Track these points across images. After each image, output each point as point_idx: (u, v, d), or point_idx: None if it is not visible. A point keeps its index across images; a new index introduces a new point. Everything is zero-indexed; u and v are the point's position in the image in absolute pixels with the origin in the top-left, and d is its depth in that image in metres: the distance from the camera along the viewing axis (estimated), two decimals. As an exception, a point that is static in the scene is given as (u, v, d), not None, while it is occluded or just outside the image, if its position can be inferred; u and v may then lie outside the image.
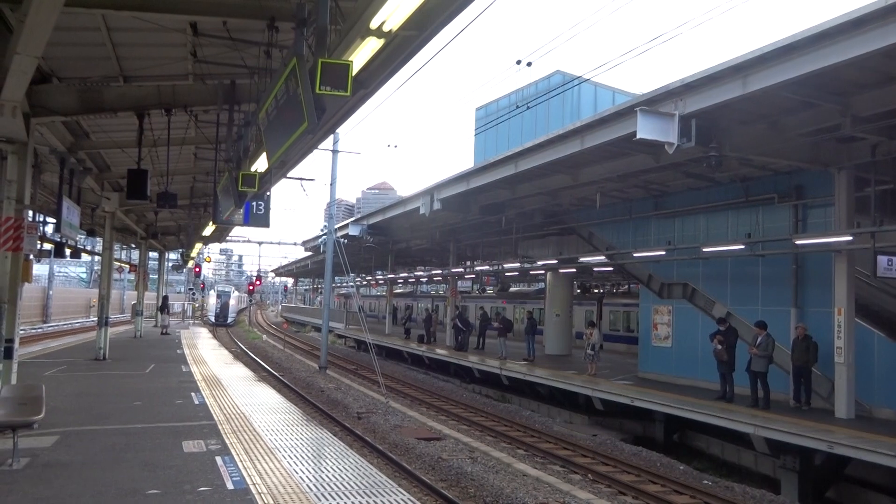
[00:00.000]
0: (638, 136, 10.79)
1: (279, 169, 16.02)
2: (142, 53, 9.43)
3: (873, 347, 13.16)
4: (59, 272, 63.58)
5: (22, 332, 14.47)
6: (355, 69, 5.82)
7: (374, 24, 5.45)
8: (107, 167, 16.13)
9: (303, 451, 7.93)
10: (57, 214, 13.17)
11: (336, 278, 49.81)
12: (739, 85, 10.19)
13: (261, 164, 10.01)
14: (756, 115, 11.98)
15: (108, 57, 9.16)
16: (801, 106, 11.35)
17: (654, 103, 11.47)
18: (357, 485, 6.51)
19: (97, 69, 9.70)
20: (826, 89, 10.54)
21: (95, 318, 20.46)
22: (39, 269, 45.05)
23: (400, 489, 6.51)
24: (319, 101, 5.27)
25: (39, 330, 37.18)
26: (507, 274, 33.09)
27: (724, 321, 14.96)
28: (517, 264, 25.22)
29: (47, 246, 20.48)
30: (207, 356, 20.08)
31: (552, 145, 14.94)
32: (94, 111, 10.07)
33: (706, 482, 11.67)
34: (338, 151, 25.34)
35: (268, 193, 13.57)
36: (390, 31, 5.60)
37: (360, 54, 5.97)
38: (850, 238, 12.39)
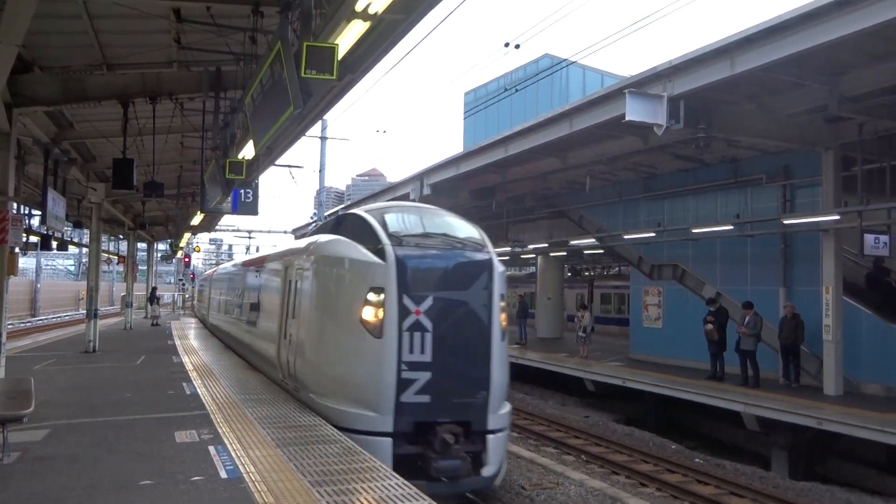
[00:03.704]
0: (627, 119, 10.78)
1: (267, 156, 15.90)
2: (125, 41, 9.28)
3: (860, 325, 13.29)
4: (47, 265, 63.10)
5: (10, 326, 14.36)
6: (341, 53, 5.76)
7: (359, 7, 5.41)
8: (92, 157, 15.94)
9: (297, 439, 7.92)
10: (42, 206, 13.00)
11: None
12: (727, 66, 10.19)
13: (248, 152, 9.93)
14: (744, 96, 11.99)
15: (91, 45, 9.01)
16: (789, 87, 11.37)
17: (642, 85, 11.45)
18: (351, 470, 6.52)
19: (80, 57, 9.55)
20: (813, 70, 10.55)
21: (84, 311, 20.34)
22: (26, 263, 44.69)
23: (393, 474, 6.52)
24: (305, 84, 5.21)
25: (28, 324, 36.99)
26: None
27: (714, 301, 15.05)
28: (508, 248, 25.24)
29: (33, 238, 20.24)
30: (199, 346, 20.00)
31: (541, 128, 14.92)
32: (77, 100, 9.94)
33: (698, 460, 11.80)
34: (326, 138, 25.24)
35: (256, 181, 13.48)
36: (376, 13, 5.55)
37: (346, 37, 5.92)
38: (837, 217, 12.47)
